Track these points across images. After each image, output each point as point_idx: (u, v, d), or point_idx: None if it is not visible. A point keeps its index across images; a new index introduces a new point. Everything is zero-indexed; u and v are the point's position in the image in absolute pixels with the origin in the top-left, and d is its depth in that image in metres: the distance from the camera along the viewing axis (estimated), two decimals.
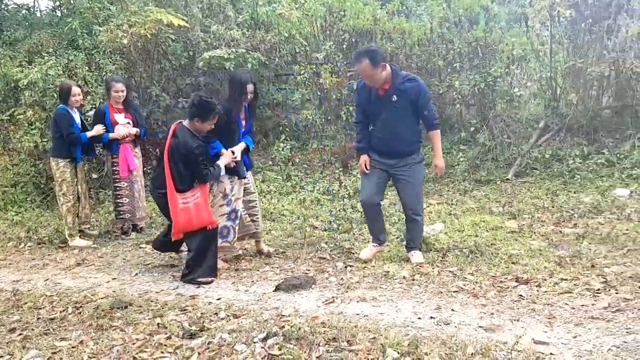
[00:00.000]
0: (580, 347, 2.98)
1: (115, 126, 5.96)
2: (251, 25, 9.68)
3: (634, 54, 6.96)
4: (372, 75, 4.24)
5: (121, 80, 6.17)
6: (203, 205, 4.36)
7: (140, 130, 6.15)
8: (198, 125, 4.34)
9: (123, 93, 5.99)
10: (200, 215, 4.33)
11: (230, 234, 4.75)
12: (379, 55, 4.25)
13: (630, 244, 4.59)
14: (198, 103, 4.33)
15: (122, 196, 6.03)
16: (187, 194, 4.30)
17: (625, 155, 6.77)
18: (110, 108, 5.99)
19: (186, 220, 4.31)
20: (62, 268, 5.09)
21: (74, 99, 5.84)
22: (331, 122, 8.61)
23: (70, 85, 5.90)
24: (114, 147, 6.01)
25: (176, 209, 4.30)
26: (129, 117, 6.06)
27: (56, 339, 3.46)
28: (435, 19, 9.01)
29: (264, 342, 3.14)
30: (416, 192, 4.56)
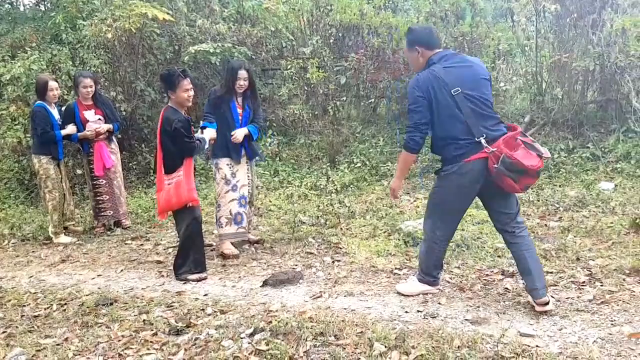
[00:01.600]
0: (565, 339, 3.01)
1: (86, 124, 5.82)
2: (237, 20, 9.60)
3: (619, 48, 7.00)
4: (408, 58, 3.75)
5: (89, 75, 5.97)
6: (183, 182, 4.24)
7: (113, 125, 6.04)
8: (175, 98, 4.30)
9: (91, 88, 5.83)
10: (178, 193, 4.22)
11: (243, 219, 4.88)
12: (416, 35, 3.56)
13: (614, 237, 4.63)
14: (160, 77, 4.43)
15: (102, 194, 5.96)
16: (172, 174, 4.26)
17: (610, 149, 6.83)
18: (79, 105, 5.86)
19: (166, 199, 4.26)
20: (47, 265, 5.04)
21: (51, 93, 5.68)
22: (318, 117, 8.58)
23: (47, 80, 5.70)
24: (85, 146, 5.95)
25: (161, 189, 4.29)
26: (99, 112, 5.92)
27: (40, 336, 3.43)
28: (421, 13, 9.00)
29: (251, 338, 3.14)
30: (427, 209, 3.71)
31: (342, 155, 8.27)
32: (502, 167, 3.18)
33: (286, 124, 9.30)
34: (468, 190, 3.44)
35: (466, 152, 3.33)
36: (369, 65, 8.75)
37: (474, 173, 3.34)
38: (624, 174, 6.31)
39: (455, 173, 3.38)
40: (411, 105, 3.42)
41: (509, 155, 3.18)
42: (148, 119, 8.48)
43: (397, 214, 5.80)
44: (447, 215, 3.58)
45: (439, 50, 3.51)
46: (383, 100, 9.43)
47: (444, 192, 3.51)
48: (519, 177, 3.20)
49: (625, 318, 3.23)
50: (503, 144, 3.23)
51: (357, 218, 5.84)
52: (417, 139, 3.41)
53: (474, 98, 3.34)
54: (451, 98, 3.31)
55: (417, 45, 3.50)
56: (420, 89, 3.36)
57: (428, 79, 3.36)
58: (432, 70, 3.38)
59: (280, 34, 9.39)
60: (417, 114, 3.38)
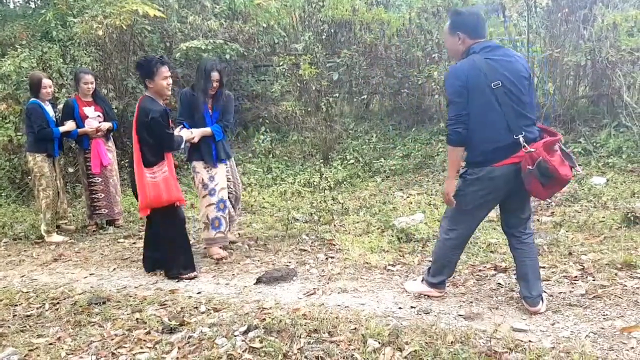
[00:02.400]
0: (558, 334, 3.02)
1: (85, 120, 5.82)
2: (229, 16, 9.57)
3: (610, 43, 7.02)
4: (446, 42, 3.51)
5: (90, 72, 6.03)
6: (172, 180, 4.20)
7: (112, 123, 6.03)
8: (153, 87, 4.19)
9: (92, 85, 5.85)
10: (169, 189, 4.16)
11: (222, 224, 4.76)
12: (461, 19, 3.32)
13: (606, 232, 4.65)
14: (138, 65, 4.26)
15: (98, 192, 5.94)
16: (154, 168, 4.14)
17: (602, 144, 6.85)
18: (79, 101, 5.85)
19: (156, 195, 4.13)
20: (39, 264, 5.01)
21: (44, 91, 5.65)
22: (311, 113, 8.57)
23: (41, 77, 5.69)
24: (85, 142, 5.89)
25: (143, 183, 4.12)
26: (98, 109, 5.92)
27: (33, 335, 3.41)
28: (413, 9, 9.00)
29: (245, 335, 3.13)
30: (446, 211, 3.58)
31: (335, 151, 8.26)
32: (536, 170, 3.01)
33: (279, 120, 9.29)
34: (492, 195, 3.25)
35: (499, 154, 3.14)
36: (361, 62, 8.75)
37: (503, 179, 3.17)
38: (616, 168, 6.34)
39: (481, 178, 3.19)
40: (451, 96, 3.19)
41: (547, 160, 3.00)
42: None
43: (390, 211, 5.80)
44: (464, 220, 3.42)
45: (482, 40, 3.27)
46: (376, 97, 9.44)
47: (467, 197, 3.29)
48: (549, 183, 3.06)
49: (617, 312, 3.25)
50: (543, 147, 3.05)
51: (350, 215, 5.85)
52: (460, 130, 3.15)
53: (513, 94, 3.13)
54: (491, 91, 3.11)
55: (461, 31, 3.27)
56: (459, 78, 3.14)
57: (468, 68, 3.15)
58: (472, 60, 3.17)
59: (272, 30, 9.37)
60: (458, 105, 3.15)
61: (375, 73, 8.79)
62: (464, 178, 3.31)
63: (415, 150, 7.85)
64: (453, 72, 3.21)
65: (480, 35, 3.28)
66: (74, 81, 6.06)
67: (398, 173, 7.38)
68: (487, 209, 3.41)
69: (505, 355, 2.78)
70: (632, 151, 6.52)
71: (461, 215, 3.40)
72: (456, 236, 3.46)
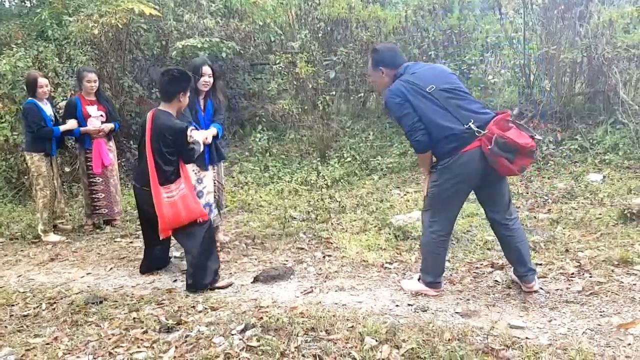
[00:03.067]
0: (555, 330, 3.03)
1: (88, 119, 5.78)
2: (225, 14, 9.55)
3: (606, 40, 7.03)
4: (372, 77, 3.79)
5: (93, 70, 6.00)
6: (190, 197, 4.01)
7: (114, 124, 6.02)
8: (182, 101, 4.06)
9: (96, 83, 5.82)
10: (188, 207, 3.97)
11: None
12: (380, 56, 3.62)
13: (603, 228, 4.66)
14: (179, 74, 4.01)
15: (98, 191, 5.93)
16: (171, 186, 3.94)
17: (598, 141, 6.87)
18: (82, 100, 5.80)
19: (174, 215, 3.93)
20: (36, 264, 5.00)
21: (41, 90, 5.61)
22: (308, 111, 8.57)
23: (36, 76, 5.66)
24: (87, 141, 5.85)
25: (161, 204, 3.91)
26: (101, 109, 5.88)
27: (30, 335, 3.40)
28: (410, 7, 9.00)
29: (242, 334, 3.13)
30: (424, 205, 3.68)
31: (332, 150, 8.26)
32: (495, 147, 3.18)
33: (276, 119, 9.28)
34: (465, 182, 3.39)
35: (460, 144, 3.29)
36: (358, 59, 8.74)
37: (471, 164, 3.30)
38: (612, 165, 6.35)
39: (451, 166, 3.34)
40: (397, 113, 3.43)
41: (501, 135, 3.19)
42: (136, 115, 8.43)
43: (387, 208, 5.80)
44: (443, 210, 3.52)
45: (402, 64, 3.56)
46: (372, 95, 9.44)
47: (440, 187, 3.44)
48: (514, 157, 3.21)
49: (614, 309, 3.26)
50: (494, 125, 3.24)
51: (347, 213, 5.85)
52: (419, 138, 3.37)
53: (450, 91, 3.38)
54: (428, 95, 3.35)
55: (382, 66, 3.58)
56: (396, 95, 3.39)
57: (400, 86, 3.41)
58: (401, 80, 3.45)
59: (269, 29, 9.36)
60: (406, 117, 3.38)
61: None
62: (435, 169, 3.48)
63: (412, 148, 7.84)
64: (389, 93, 3.45)
65: (399, 63, 3.58)
66: (77, 80, 6.01)
67: (395, 171, 7.38)
68: (462, 196, 3.53)
69: (502, 352, 2.78)
70: (628, 148, 6.54)
71: (439, 205, 3.51)
72: (439, 228, 3.53)
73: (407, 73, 3.47)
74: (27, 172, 6.64)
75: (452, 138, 3.30)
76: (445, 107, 3.34)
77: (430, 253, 3.60)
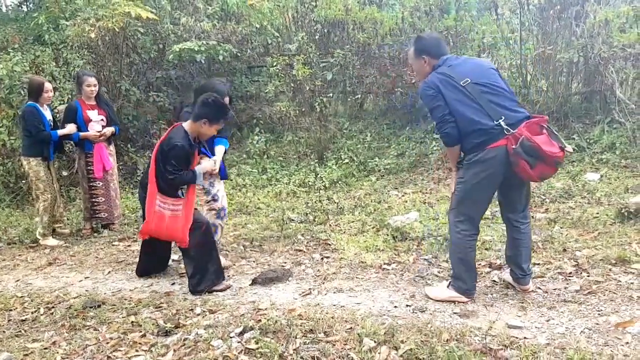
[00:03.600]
0: (553, 330, 3.03)
1: (89, 123, 5.75)
2: (221, 17, 9.56)
3: (602, 39, 7.04)
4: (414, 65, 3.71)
5: (93, 75, 5.96)
6: (180, 221, 3.92)
7: (115, 128, 6.00)
8: (204, 128, 3.92)
9: (95, 87, 5.78)
10: (172, 229, 3.92)
11: (218, 231, 4.58)
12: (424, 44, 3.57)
13: (600, 227, 4.67)
14: (213, 103, 3.90)
15: (98, 195, 5.91)
16: (168, 199, 3.91)
17: (595, 140, 6.88)
18: (82, 104, 5.76)
19: (157, 226, 3.93)
20: (33, 268, 4.99)
21: (46, 95, 5.60)
22: (305, 113, 8.57)
23: (42, 82, 5.63)
24: (87, 145, 5.82)
25: (151, 209, 3.91)
26: (102, 113, 5.85)
27: (28, 340, 3.40)
28: (406, 8, 9.01)
29: (241, 337, 3.13)
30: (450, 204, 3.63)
31: (330, 151, 8.26)
32: (520, 148, 3.15)
33: (273, 121, 9.29)
34: (491, 178, 3.33)
35: (488, 138, 3.25)
36: (354, 61, 8.75)
37: (498, 159, 3.26)
38: (609, 164, 6.36)
39: (478, 161, 3.29)
40: (428, 105, 3.42)
41: (529, 138, 3.15)
42: (134, 119, 8.43)
43: (385, 210, 5.81)
44: (469, 208, 3.45)
45: (443, 57, 3.51)
46: (370, 96, 9.45)
47: (466, 183, 3.38)
48: (536, 163, 3.17)
49: (611, 308, 3.26)
50: (525, 127, 3.20)
51: (345, 214, 5.85)
52: (448, 130, 3.34)
53: (485, 85, 3.33)
54: (462, 88, 3.31)
55: (425, 54, 3.52)
56: (430, 88, 3.37)
57: (435, 78, 3.39)
58: (437, 72, 3.42)
59: (266, 31, 9.37)
60: (437, 109, 3.36)
61: (369, 72, 8.79)
62: (462, 165, 3.42)
63: (410, 149, 7.86)
64: (424, 85, 3.44)
65: (442, 53, 3.53)
66: (76, 84, 5.95)
67: (393, 172, 7.39)
68: (489, 193, 3.46)
69: (501, 352, 2.78)
70: (625, 147, 6.55)
71: (465, 203, 3.44)
72: (466, 227, 3.46)
73: (445, 65, 3.43)
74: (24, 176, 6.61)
75: (480, 133, 3.27)
76: (477, 102, 3.29)
77: (461, 256, 3.49)
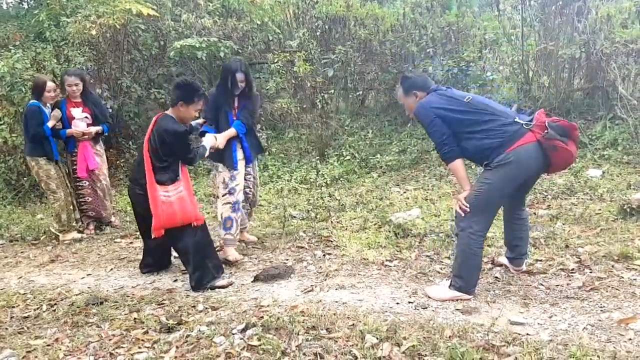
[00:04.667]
0: (555, 326, 3.03)
1: (72, 121, 5.70)
2: (222, 13, 9.54)
3: (604, 35, 7.03)
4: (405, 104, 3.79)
5: (74, 73, 5.80)
6: (187, 199, 4.00)
7: (102, 127, 5.90)
8: (183, 111, 4.06)
9: (77, 87, 5.68)
10: (184, 209, 3.96)
11: (233, 225, 4.60)
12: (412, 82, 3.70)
13: (602, 224, 4.66)
14: (182, 84, 4.10)
15: (85, 195, 5.87)
16: (169, 187, 3.95)
17: (597, 136, 6.87)
18: (68, 102, 5.73)
19: (169, 215, 3.92)
20: (36, 265, 5.00)
21: (48, 94, 5.56)
22: (307, 110, 8.57)
23: (45, 81, 5.60)
24: (71, 144, 5.80)
25: (157, 202, 3.90)
26: (86, 111, 5.77)
27: (30, 337, 3.40)
28: (407, 4, 9.00)
29: (243, 334, 3.13)
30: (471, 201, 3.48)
31: (331, 148, 8.26)
32: (552, 131, 3.23)
33: (274, 118, 9.28)
34: (518, 179, 3.38)
35: (513, 137, 3.30)
36: (356, 58, 8.74)
37: (531, 156, 3.30)
38: (612, 160, 6.35)
39: (510, 162, 3.28)
40: (427, 127, 3.52)
41: (553, 119, 3.30)
42: (135, 116, 8.44)
43: (387, 206, 5.80)
44: (489, 209, 3.45)
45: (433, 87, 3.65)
46: (371, 92, 9.43)
47: (493, 184, 3.35)
48: (567, 142, 3.28)
49: (614, 304, 3.26)
50: (539, 116, 3.33)
51: (347, 211, 5.85)
52: (448, 149, 3.44)
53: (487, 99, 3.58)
54: (467, 104, 3.43)
55: (415, 90, 3.64)
56: (428, 109, 3.48)
57: (433, 98, 3.52)
58: (435, 94, 3.56)
59: (267, 28, 9.35)
60: (436, 132, 3.46)
61: (370, 69, 8.79)
62: (490, 168, 3.38)
63: (412, 146, 7.85)
64: (420, 107, 3.55)
65: (430, 86, 3.66)
66: (61, 85, 5.87)
67: (394, 169, 7.38)
68: (511, 192, 3.47)
69: (503, 348, 2.78)
70: (627, 143, 6.54)
71: (488, 202, 3.42)
72: (480, 228, 3.44)
73: (440, 90, 3.59)
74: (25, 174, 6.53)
75: (502, 133, 3.33)
76: (487, 111, 3.41)
77: (470, 256, 3.45)
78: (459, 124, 3.41)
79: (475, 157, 3.53)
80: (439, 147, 3.50)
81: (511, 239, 3.79)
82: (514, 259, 3.81)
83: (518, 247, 3.76)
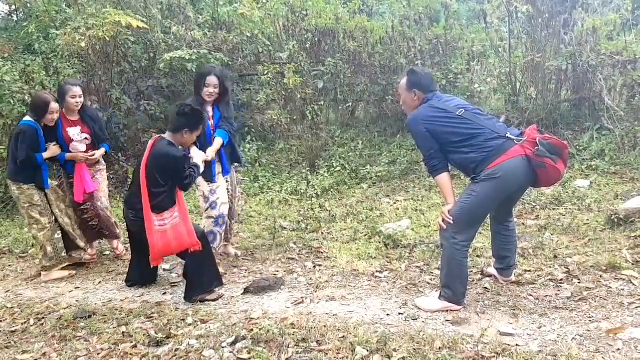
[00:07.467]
0: (545, 337, 3.04)
1: (70, 144, 4.92)
2: (212, 26, 9.57)
3: (590, 47, 7.12)
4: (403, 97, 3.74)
5: (77, 84, 5.00)
6: (182, 226, 3.95)
7: (104, 146, 5.18)
8: (186, 137, 4.02)
9: (81, 99, 4.91)
10: (179, 238, 3.92)
11: (216, 239, 4.57)
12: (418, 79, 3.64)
13: (591, 234, 4.70)
14: (189, 113, 3.99)
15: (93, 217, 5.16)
16: (164, 214, 3.90)
17: (585, 147, 6.93)
18: (64, 120, 4.89)
19: (165, 245, 3.91)
20: (24, 279, 4.95)
21: (50, 117, 4.69)
22: (297, 121, 8.58)
23: (49, 101, 4.67)
24: (69, 165, 5.02)
25: (152, 232, 3.88)
26: (85, 131, 4.98)
27: (18, 352, 3.37)
28: (396, 17, 9.07)
29: (233, 347, 3.12)
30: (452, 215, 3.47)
31: (321, 159, 8.27)
32: (543, 148, 3.26)
33: (265, 129, 9.29)
34: (505, 192, 3.41)
35: (502, 150, 3.33)
36: (345, 70, 8.79)
37: (516, 172, 3.33)
38: (599, 171, 6.41)
39: (497, 176, 3.31)
40: (417, 141, 3.58)
41: (544, 137, 3.33)
42: (124, 128, 8.40)
43: (377, 217, 5.82)
44: (473, 221, 3.49)
45: (433, 92, 3.62)
46: (361, 104, 9.48)
47: (479, 196, 3.37)
48: (557, 160, 3.32)
49: (602, 314, 3.28)
50: (531, 132, 3.38)
51: (338, 222, 5.85)
52: (435, 163, 3.49)
53: (480, 113, 3.53)
54: (459, 117, 3.43)
55: (417, 88, 3.60)
56: (419, 123, 3.48)
57: (425, 111, 3.51)
58: (430, 104, 3.53)
59: (257, 40, 9.37)
60: (425, 147, 3.51)
61: (360, 81, 8.83)
62: (477, 181, 3.40)
63: (401, 157, 7.89)
64: (412, 119, 3.54)
65: (433, 89, 3.64)
66: (58, 95, 4.93)
67: (384, 179, 7.41)
68: (497, 204, 3.53)
69: (493, 359, 2.78)
70: (614, 153, 6.61)
71: (472, 213, 3.44)
72: (464, 238, 3.47)
73: (435, 99, 3.55)
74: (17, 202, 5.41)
75: (491, 146, 3.35)
76: (479, 124, 3.42)
77: (456, 266, 3.47)
78: (448, 137, 3.43)
79: (462, 169, 3.59)
80: (426, 160, 3.56)
81: (499, 250, 3.83)
82: (502, 269, 3.86)
83: (507, 258, 3.81)
